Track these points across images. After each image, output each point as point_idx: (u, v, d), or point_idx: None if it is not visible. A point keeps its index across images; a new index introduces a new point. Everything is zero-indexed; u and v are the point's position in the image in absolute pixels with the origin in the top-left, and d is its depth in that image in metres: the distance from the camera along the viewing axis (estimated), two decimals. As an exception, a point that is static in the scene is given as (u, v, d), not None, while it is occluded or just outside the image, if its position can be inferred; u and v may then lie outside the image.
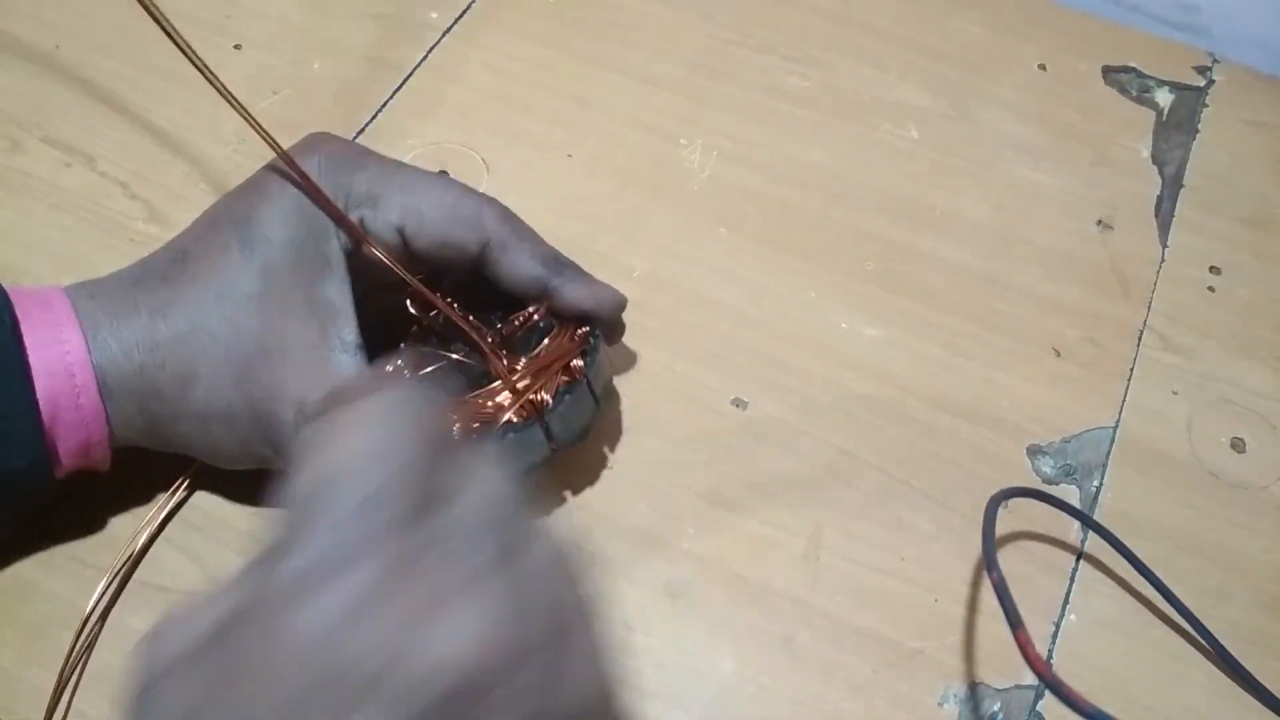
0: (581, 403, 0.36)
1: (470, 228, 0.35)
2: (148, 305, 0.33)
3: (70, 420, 0.32)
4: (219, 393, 0.33)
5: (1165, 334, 0.45)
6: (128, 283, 0.34)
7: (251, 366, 0.33)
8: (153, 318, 0.33)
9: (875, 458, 0.41)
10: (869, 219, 0.47)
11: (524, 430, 0.35)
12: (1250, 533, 0.40)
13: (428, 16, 0.53)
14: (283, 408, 0.33)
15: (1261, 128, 0.52)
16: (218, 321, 0.33)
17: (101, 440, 0.33)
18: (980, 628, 0.37)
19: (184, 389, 0.33)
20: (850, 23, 0.54)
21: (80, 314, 0.33)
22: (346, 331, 0.34)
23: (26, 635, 0.35)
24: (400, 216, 0.35)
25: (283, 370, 0.33)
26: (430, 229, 0.35)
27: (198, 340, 0.33)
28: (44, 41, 0.50)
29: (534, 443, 0.35)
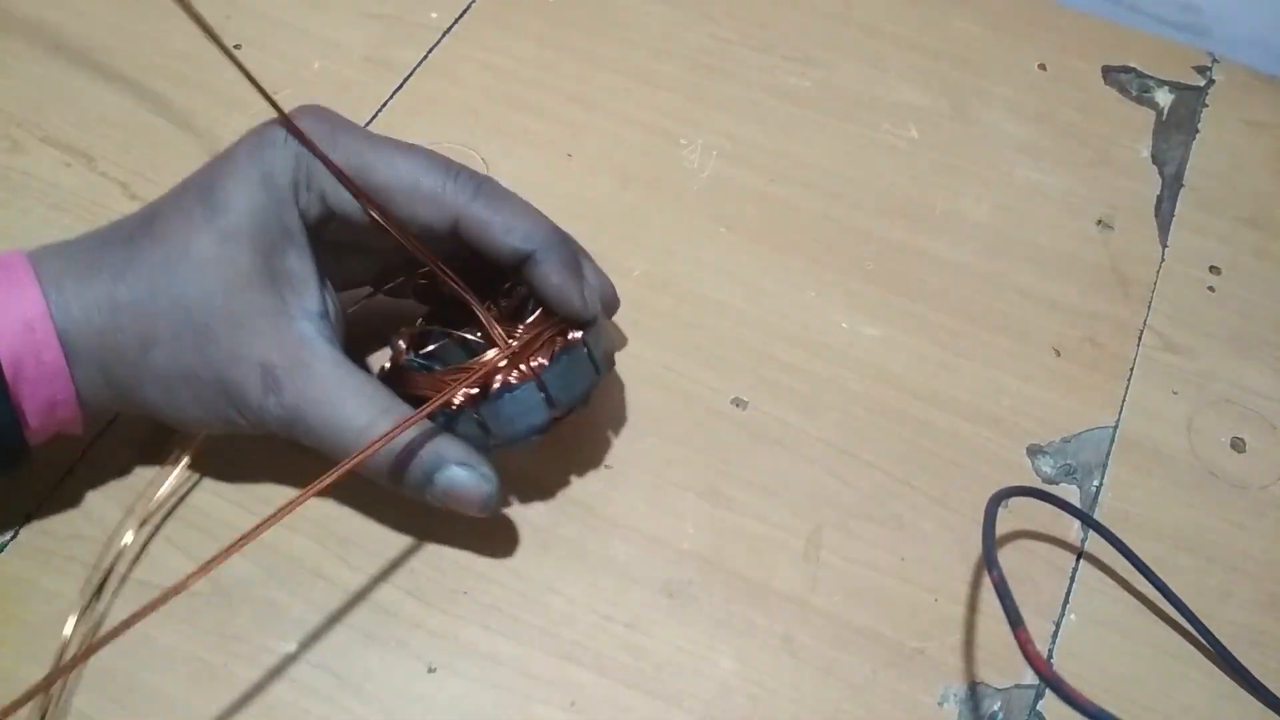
0: (579, 366, 0.35)
1: (436, 206, 0.34)
2: (110, 267, 0.33)
3: (34, 376, 0.32)
4: (180, 355, 0.33)
5: (1165, 334, 0.45)
6: (96, 243, 0.34)
7: (212, 331, 0.33)
8: (114, 280, 0.33)
9: (875, 458, 0.41)
10: (869, 219, 0.47)
11: (520, 389, 0.34)
12: (1250, 533, 0.40)
13: (428, 16, 0.53)
14: (246, 371, 0.33)
15: (1261, 128, 0.52)
16: (178, 285, 0.33)
17: (68, 398, 0.33)
18: (980, 627, 0.37)
19: (144, 352, 0.33)
20: (850, 23, 0.54)
21: (43, 274, 0.33)
22: (309, 300, 0.34)
23: (25, 635, 0.35)
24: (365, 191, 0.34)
25: (243, 334, 0.33)
26: (395, 209, 0.34)
27: (157, 303, 0.33)
28: (45, 41, 0.50)
29: (532, 403, 0.34)
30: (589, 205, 0.47)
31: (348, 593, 0.36)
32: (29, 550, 0.37)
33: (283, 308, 0.33)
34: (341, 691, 0.35)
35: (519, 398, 0.34)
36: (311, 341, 0.34)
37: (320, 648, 0.35)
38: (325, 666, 0.35)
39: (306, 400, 0.33)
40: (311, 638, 0.36)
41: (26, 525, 0.37)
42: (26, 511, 0.37)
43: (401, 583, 0.37)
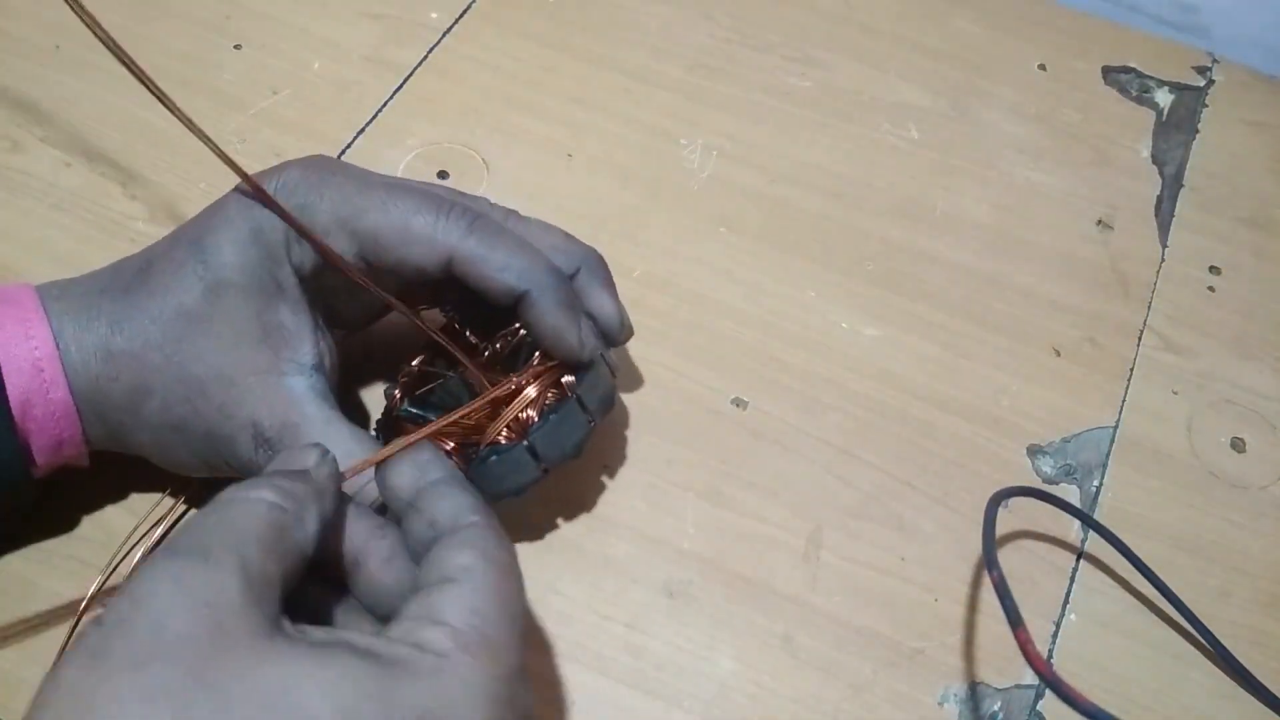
0: (570, 420, 0.35)
1: (428, 247, 0.34)
2: (108, 316, 0.33)
3: (41, 416, 0.32)
4: (172, 408, 0.33)
5: (1165, 334, 0.45)
6: (95, 290, 0.34)
7: (205, 387, 0.33)
8: (111, 329, 0.33)
9: (875, 458, 0.41)
10: (869, 219, 0.47)
11: (508, 452, 0.34)
12: (1250, 532, 0.40)
13: (428, 16, 0.53)
14: (236, 429, 0.33)
15: (1261, 128, 0.52)
16: (170, 341, 0.33)
17: (74, 437, 0.33)
18: (980, 627, 0.37)
19: (138, 402, 0.33)
20: (850, 22, 0.54)
21: (49, 313, 0.33)
22: (301, 354, 0.34)
23: (26, 635, 0.35)
24: (355, 244, 0.34)
25: (234, 392, 0.33)
26: (387, 252, 0.34)
27: (150, 357, 0.33)
28: (44, 41, 0.50)
29: (520, 464, 0.34)
30: (589, 205, 0.47)
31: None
32: (29, 550, 0.37)
33: (274, 364, 0.33)
34: (341, 691, 0.35)
35: (506, 459, 0.34)
36: (301, 400, 0.33)
37: (320, 648, 0.35)
38: (325, 666, 0.35)
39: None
40: (311, 638, 0.36)
41: (26, 525, 0.37)
42: (26, 511, 0.37)
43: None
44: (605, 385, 0.36)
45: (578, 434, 0.35)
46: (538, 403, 0.35)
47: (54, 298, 0.33)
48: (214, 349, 0.33)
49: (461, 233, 0.34)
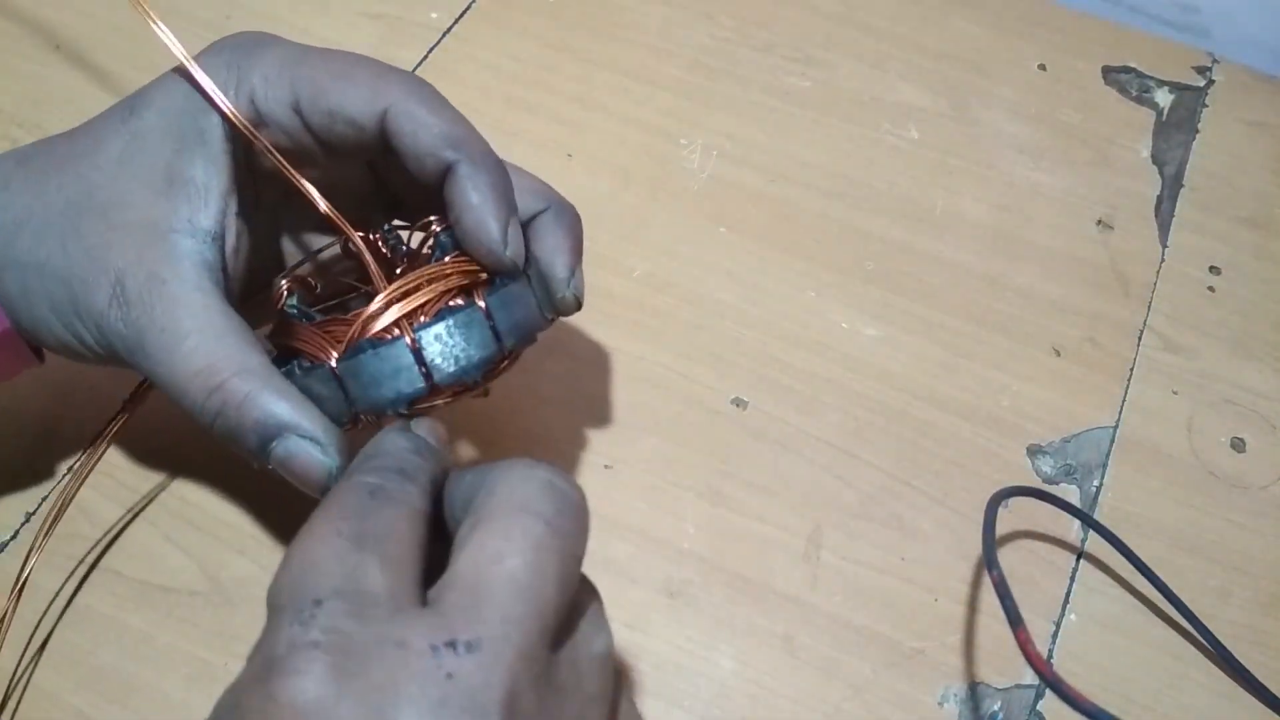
0: (471, 329, 0.29)
1: (368, 94, 0.30)
2: (21, 154, 0.32)
3: None
4: (43, 243, 0.30)
5: (1165, 334, 0.45)
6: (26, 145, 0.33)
7: (81, 222, 0.30)
8: (18, 163, 0.32)
9: (875, 458, 0.41)
10: (869, 219, 0.47)
11: (386, 346, 0.29)
12: (1250, 532, 0.40)
13: (428, 16, 0.53)
14: (97, 273, 0.30)
15: (1261, 128, 0.52)
16: (70, 176, 0.31)
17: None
18: (980, 627, 0.37)
19: (14, 234, 0.31)
20: (850, 22, 0.54)
21: None
22: (203, 215, 0.30)
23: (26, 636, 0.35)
24: (292, 90, 0.31)
25: (110, 235, 0.30)
26: (321, 98, 0.30)
27: (45, 190, 0.31)
28: (45, 41, 0.50)
29: (400, 366, 0.29)
30: (589, 205, 0.46)
31: (348, 592, 0.36)
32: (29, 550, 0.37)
33: (166, 217, 0.30)
34: (341, 691, 0.35)
35: (384, 355, 0.29)
36: (182, 259, 0.30)
37: (320, 647, 0.35)
38: (325, 666, 0.35)
39: (151, 323, 0.29)
40: (311, 637, 0.36)
41: (26, 525, 0.37)
42: (27, 511, 0.37)
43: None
44: (527, 310, 0.31)
45: (478, 351, 0.29)
46: (435, 305, 0.29)
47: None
48: (108, 185, 0.30)
49: (404, 89, 0.31)
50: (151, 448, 0.39)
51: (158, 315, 0.29)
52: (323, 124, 0.31)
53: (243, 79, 0.31)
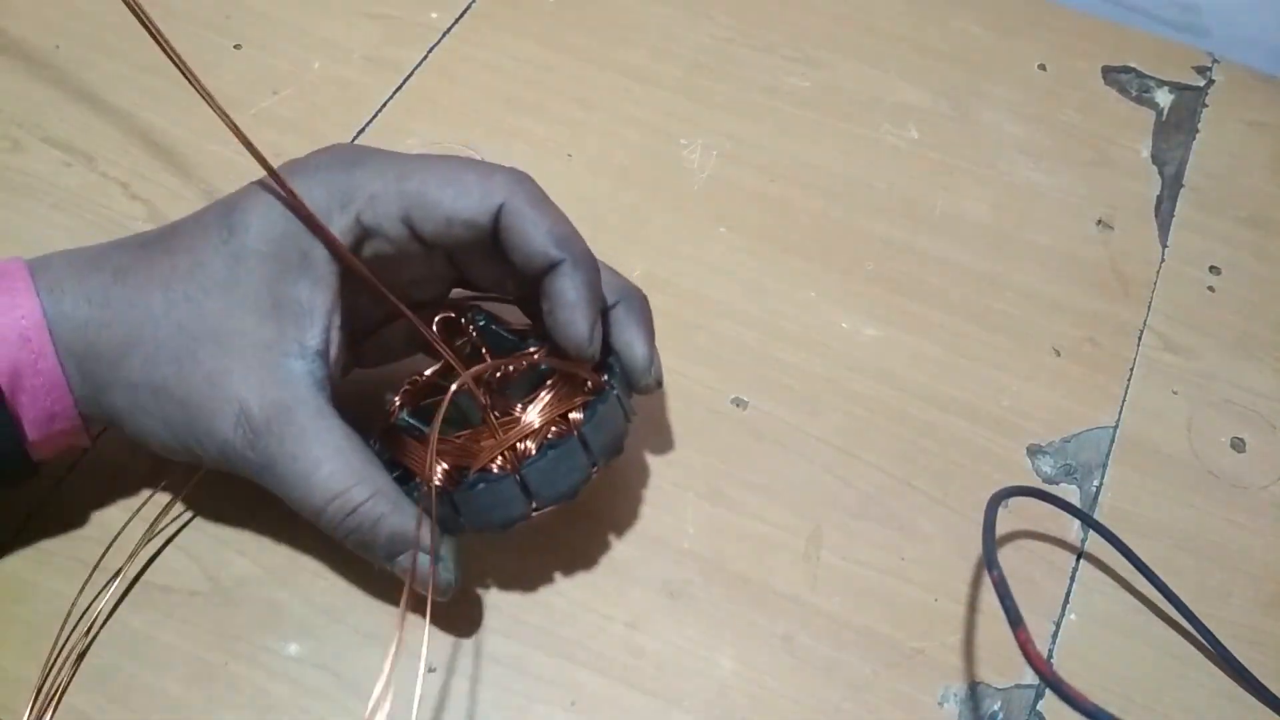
0: (570, 459, 0.33)
1: (479, 196, 0.32)
2: (115, 265, 0.32)
3: (31, 388, 0.31)
4: (156, 366, 0.31)
5: (1165, 334, 0.45)
6: (110, 246, 0.33)
7: (196, 349, 0.31)
8: (115, 277, 0.32)
9: (875, 458, 0.41)
10: (869, 219, 0.47)
11: (497, 482, 0.32)
12: (1250, 532, 0.40)
13: (427, 16, 0.53)
14: (219, 403, 0.31)
15: (1261, 128, 0.52)
16: (176, 295, 0.32)
17: (66, 408, 0.32)
18: (980, 627, 0.37)
19: (122, 354, 0.31)
20: (850, 22, 0.54)
21: (41, 278, 0.32)
22: (309, 336, 0.32)
23: (25, 635, 0.35)
24: (401, 204, 0.33)
25: (227, 362, 0.31)
26: (435, 208, 0.32)
27: (149, 309, 0.32)
28: (44, 41, 0.50)
29: (508, 497, 0.32)
30: (589, 205, 0.47)
31: (349, 592, 0.36)
32: (29, 550, 0.37)
33: (276, 340, 0.32)
34: (341, 691, 0.35)
35: (495, 490, 0.32)
36: (298, 384, 0.32)
37: (320, 648, 0.35)
38: (326, 666, 0.35)
39: (281, 451, 0.31)
40: (311, 638, 0.36)
41: (26, 525, 0.37)
42: (26, 511, 0.37)
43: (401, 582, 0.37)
44: (615, 427, 0.34)
45: (575, 476, 0.33)
46: (539, 435, 0.33)
47: (55, 258, 0.33)
48: (216, 309, 0.31)
49: (512, 186, 0.33)
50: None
51: (288, 444, 0.31)
52: (438, 230, 0.33)
53: (346, 201, 0.33)
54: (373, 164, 0.33)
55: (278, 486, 0.32)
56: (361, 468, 0.32)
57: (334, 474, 0.31)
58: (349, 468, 0.32)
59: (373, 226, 0.33)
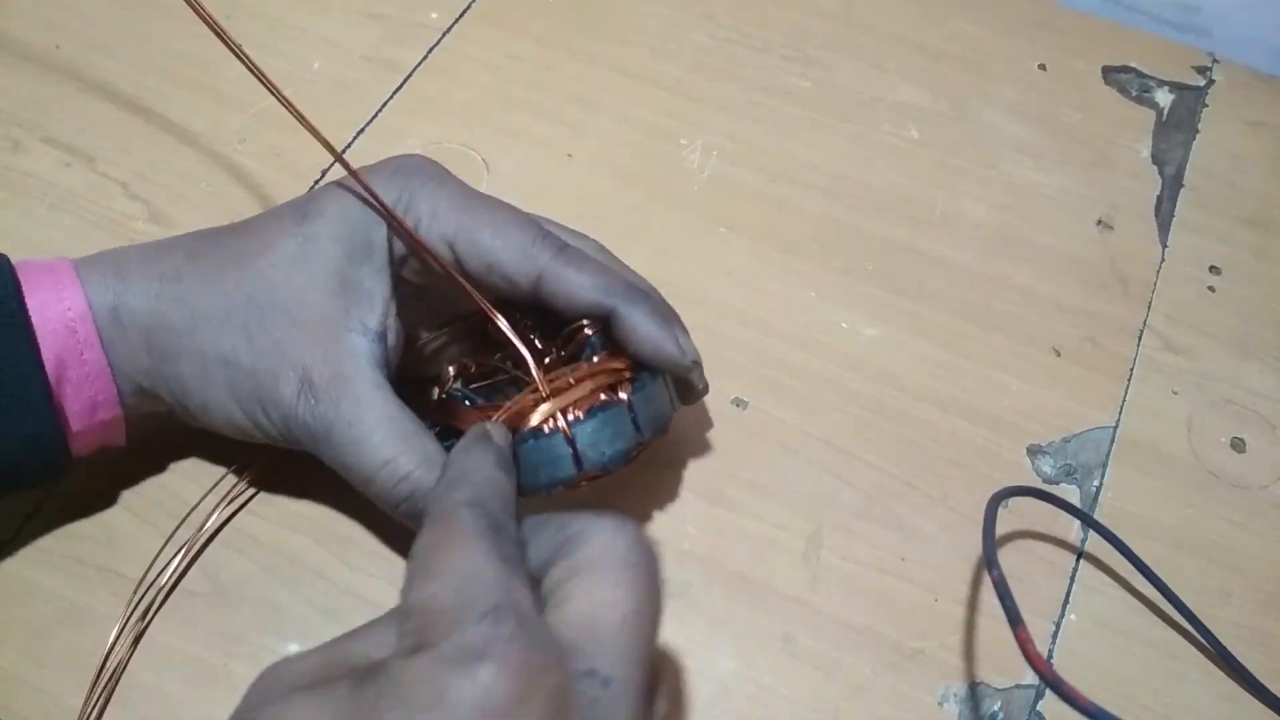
0: (617, 424, 0.33)
1: (524, 259, 0.34)
2: (187, 249, 0.35)
3: (76, 378, 0.33)
4: (226, 336, 0.33)
5: (1165, 334, 0.45)
6: (184, 235, 0.35)
7: (265, 319, 0.33)
8: (188, 257, 0.34)
9: (875, 458, 0.41)
10: (869, 219, 0.47)
11: (546, 439, 0.33)
12: (1250, 532, 0.40)
13: (428, 16, 0.53)
14: (285, 368, 0.33)
15: (1261, 128, 0.52)
16: (249, 274, 0.34)
17: (109, 398, 0.34)
18: (980, 627, 0.37)
19: (194, 325, 0.33)
20: (850, 23, 0.54)
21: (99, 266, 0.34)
22: (370, 317, 0.34)
23: (26, 635, 0.35)
24: (455, 231, 0.34)
25: (294, 332, 0.33)
26: (482, 251, 0.34)
27: (223, 285, 0.34)
28: (44, 41, 0.50)
29: (556, 456, 0.33)
30: (589, 205, 0.47)
31: (348, 593, 0.36)
32: (29, 550, 0.37)
33: (342, 317, 0.33)
34: (341, 691, 0.35)
35: (543, 447, 0.33)
36: (359, 357, 0.33)
37: (320, 648, 0.35)
38: (325, 666, 0.35)
39: (339, 416, 0.33)
40: (311, 638, 0.36)
41: (26, 525, 0.37)
42: (26, 511, 0.37)
43: (401, 583, 0.37)
44: (662, 405, 0.35)
45: (622, 443, 0.33)
46: (587, 401, 0.33)
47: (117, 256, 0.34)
48: (286, 284, 0.33)
49: (554, 253, 0.34)
50: (151, 448, 0.39)
51: (344, 410, 0.33)
52: (479, 270, 0.34)
53: (411, 206, 0.35)
54: (447, 186, 0.35)
55: (333, 453, 0.33)
56: (414, 436, 0.33)
57: (386, 440, 0.32)
58: (402, 435, 0.33)
59: (424, 239, 0.35)
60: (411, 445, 0.33)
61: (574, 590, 0.26)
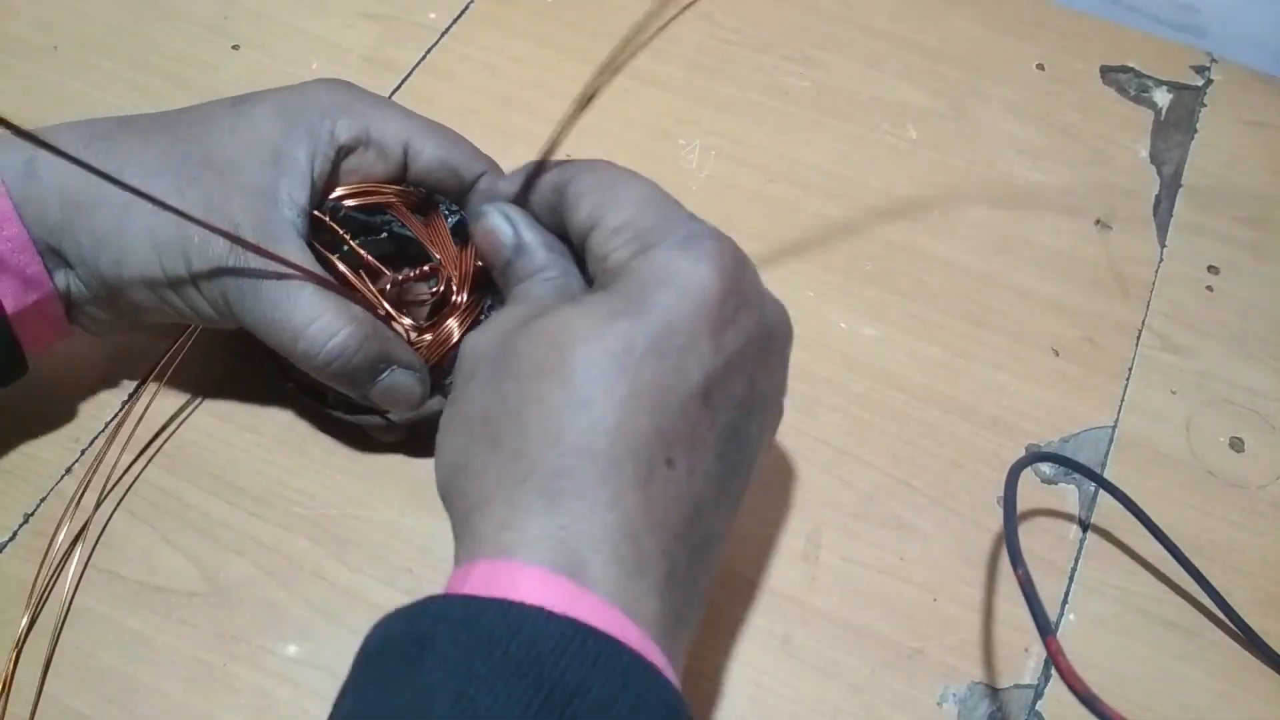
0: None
1: (472, 157, 0.37)
2: (122, 118, 0.35)
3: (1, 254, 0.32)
4: (153, 184, 0.32)
5: (1164, 333, 0.45)
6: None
7: (198, 176, 0.33)
8: (120, 124, 0.34)
9: (875, 458, 0.41)
10: (868, 219, 0.47)
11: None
12: (1249, 532, 0.40)
13: (426, 17, 0.53)
14: (217, 219, 0.32)
15: (1260, 127, 0.52)
16: (182, 138, 0.34)
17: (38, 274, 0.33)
18: (979, 627, 0.37)
19: (120, 168, 0.32)
20: (849, 22, 0.54)
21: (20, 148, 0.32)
22: (298, 192, 0.34)
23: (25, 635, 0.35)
24: (406, 131, 0.36)
25: (230, 190, 0.33)
26: (433, 148, 0.36)
27: (156, 144, 0.34)
28: (44, 41, 0.50)
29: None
30: (588, 205, 0.47)
31: (347, 593, 0.36)
32: (29, 550, 0.37)
33: (272, 187, 0.34)
34: (341, 692, 0.35)
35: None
36: (287, 227, 0.34)
37: (320, 648, 0.35)
38: (325, 667, 0.35)
39: (267, 274, 0.33)
40: (311, 638, 0.36)
41: (26, 525, 0.37)
42: (26, 511, 0.37)
43: (400, 584, 0.37)
44: None
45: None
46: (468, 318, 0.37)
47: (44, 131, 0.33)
48: (221, 149, 0.34)
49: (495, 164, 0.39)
50: (150, 449, 0.39)
51: (274, 267, 0.33)
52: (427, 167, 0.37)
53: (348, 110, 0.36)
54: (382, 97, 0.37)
55: (261, 309, 0.33)
56: (340, 299, 0.34)
57: (314, 298, 0.33)
58: (329, 296, 0.33)
59: (377, 139, 0.36)
60: (340, 304, 0.33)
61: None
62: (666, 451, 0.27)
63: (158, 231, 0.33)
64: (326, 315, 0.33)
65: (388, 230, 0.38)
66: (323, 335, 0.33)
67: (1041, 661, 0.36)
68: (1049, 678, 0.36)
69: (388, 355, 0.35)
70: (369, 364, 0.34)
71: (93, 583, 0.36)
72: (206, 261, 0.33)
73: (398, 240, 0.38)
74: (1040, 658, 0.37)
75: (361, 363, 0.34)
